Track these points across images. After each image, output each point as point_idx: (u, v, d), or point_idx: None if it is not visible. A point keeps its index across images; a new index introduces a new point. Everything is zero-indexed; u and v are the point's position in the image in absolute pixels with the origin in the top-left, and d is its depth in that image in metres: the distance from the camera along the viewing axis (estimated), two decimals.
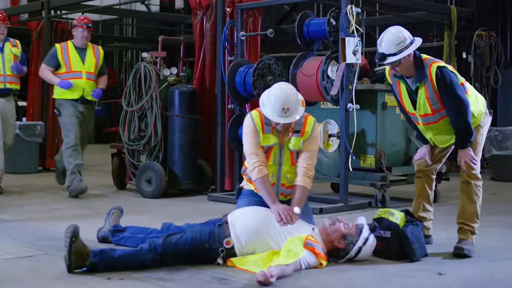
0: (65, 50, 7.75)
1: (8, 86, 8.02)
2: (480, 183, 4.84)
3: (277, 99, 4.66)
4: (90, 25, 7.82)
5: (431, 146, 4.98)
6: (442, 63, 4.68)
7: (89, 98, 7.72)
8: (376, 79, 7.68)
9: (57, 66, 7.72)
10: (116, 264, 4.10)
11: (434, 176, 5.06)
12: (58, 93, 7.72)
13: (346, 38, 6.61)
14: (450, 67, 4.71)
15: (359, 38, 6.67)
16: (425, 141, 4.98)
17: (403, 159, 7.53)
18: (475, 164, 4.73)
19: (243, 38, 7.84)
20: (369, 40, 13.69)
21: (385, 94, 7.26)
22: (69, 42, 7.90)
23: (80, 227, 4.19)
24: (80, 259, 4.05)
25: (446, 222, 5.80)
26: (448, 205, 7.13)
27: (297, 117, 4.71)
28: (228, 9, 8.02)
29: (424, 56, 4.75)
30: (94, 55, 7.85)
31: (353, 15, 6.62)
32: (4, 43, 8.05)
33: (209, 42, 8.32)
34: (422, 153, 5.00)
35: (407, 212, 4.76)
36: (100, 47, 8.01)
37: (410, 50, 4.59)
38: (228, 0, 8.02)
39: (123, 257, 4.14)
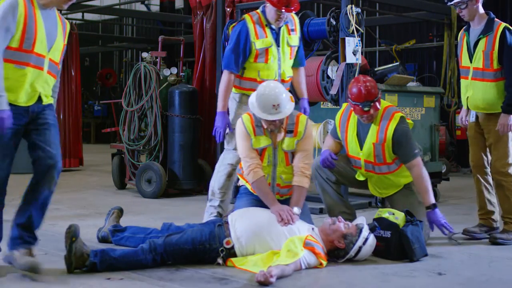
0: None
1: None
2: (509, 178, 5.08)
3: (266, 96, 4.67)
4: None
5: (467, 111, 5.28)
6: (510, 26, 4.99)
7: None
8: (376, 79, 7.66)
9: None
10: (116, 264, 4.11)
11: (488, 170, 5.27)
12: None
13: (346, 38, 6.60)
14: None
15: (359, 38, 6.67)
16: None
17: None
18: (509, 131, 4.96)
19: None
20: (369, 40, 13.69)
21: (385, 94, 7.24)
22: None
23: (80, 227, 4.19)
24: (80, 259, 4.06)
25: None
26: (448, 205, 7.12)
27: (288, 113, 4.71)
28: (228, 9, 8.02)
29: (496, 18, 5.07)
30: None
31: (353, 15, 6.62)
32: (281, 27, 5.16)
33: (209, 42, 8.32)
34: (461, 114, 5.37)
35: (407, 212, 4.76)
36: None
37: None
38: (228, 0, 8.02)
39: (123, 257, 4.14)
